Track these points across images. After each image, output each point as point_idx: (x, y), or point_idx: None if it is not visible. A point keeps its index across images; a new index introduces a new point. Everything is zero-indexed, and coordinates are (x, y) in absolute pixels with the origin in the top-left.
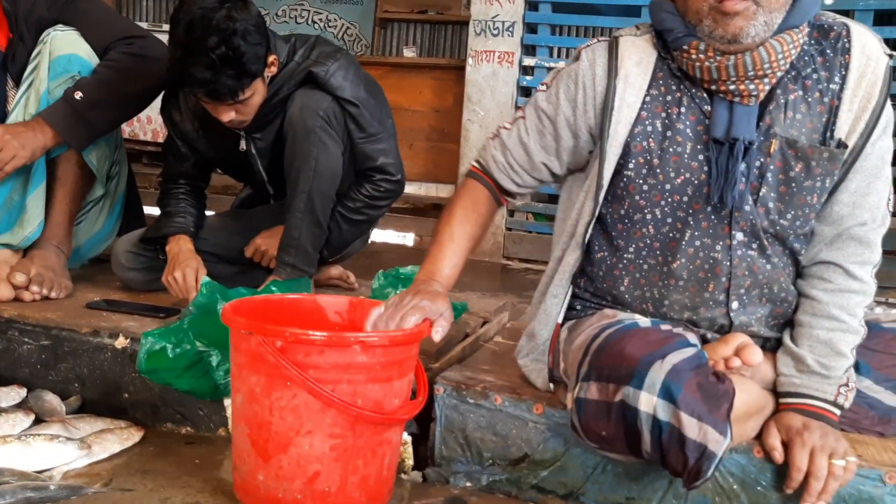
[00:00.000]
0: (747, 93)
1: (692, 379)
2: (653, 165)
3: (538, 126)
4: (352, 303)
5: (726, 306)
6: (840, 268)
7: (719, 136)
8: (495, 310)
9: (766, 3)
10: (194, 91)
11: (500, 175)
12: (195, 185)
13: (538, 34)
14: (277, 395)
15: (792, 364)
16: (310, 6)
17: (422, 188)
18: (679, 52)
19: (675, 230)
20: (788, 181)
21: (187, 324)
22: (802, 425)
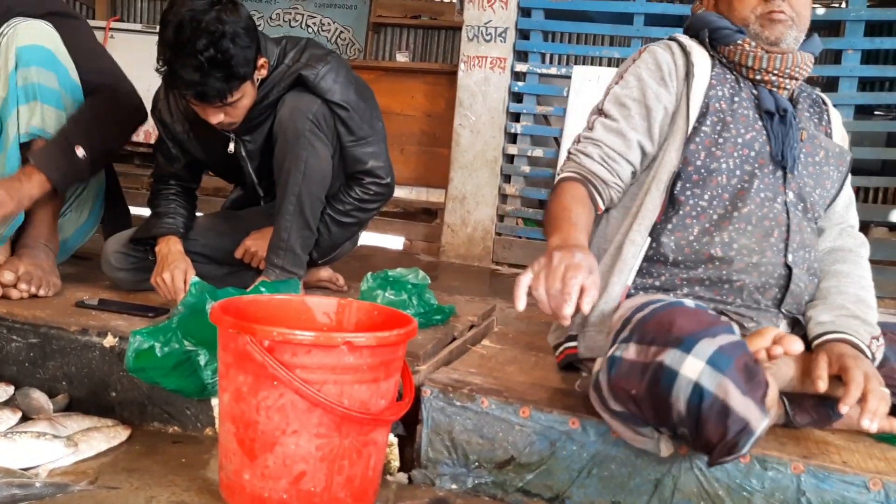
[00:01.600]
0: (783, 86)
1: (741, 357)
2: (726, 122)
3: (624, 112)
4: (340, 304)
5: (784, 256)
6: (851, 251)
7: (771, 108)
8: (483, 314)
9: (798, 21)
10: (183, 93)
11: (597, 167)
12: (186, 186)
13: (530, 40)
14: (264, 395)
15: (828, 312)
16: (304, 10)
17: (413, 192)
18: (732, 46)
19: (743, 181)
20: (815, 164)
21: (176, 323)
22: (854, 354)
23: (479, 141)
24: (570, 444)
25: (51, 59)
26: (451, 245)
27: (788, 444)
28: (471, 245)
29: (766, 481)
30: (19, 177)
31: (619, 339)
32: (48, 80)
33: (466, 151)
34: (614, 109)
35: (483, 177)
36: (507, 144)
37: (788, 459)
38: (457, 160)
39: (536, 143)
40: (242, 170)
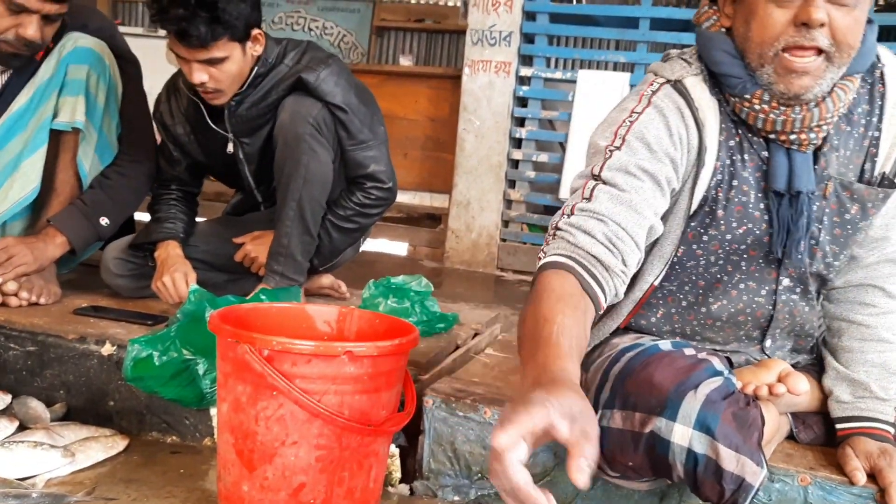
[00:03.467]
0: (807, 142)
1: (727, 409)
2: (717, 217)
3: (633, 182)
4: (341, 312)
5: (760, 343)
6: (880, 289)
7: (781, 189)
8: (487, 321)
9: (838, 59)
10: (167, 28)
11: (600, 249)
12: (187, 190)
13: (535, 44)
14: (263, 405)
15: (849, 390)
16: (306, 13)
17: (416, 197)
18: (740, 100)
19: (724, 272)
20: (843, 224)
21: (174, 331)
22: (880, 450)
23: (483, 146)
24: None
25: (106, 73)
26: (455, 251)
27: (795, 457)
28: (475, 251)
29: (773, 493)
30: (43, 238)
31: (602, 403)
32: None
33: (471, 156)
34: (620, 178)
35: (487, 182)
36: (512, 149)
37: (795, 471)
38: (461, 165)
39: (541, 147)
40: (240, 173)
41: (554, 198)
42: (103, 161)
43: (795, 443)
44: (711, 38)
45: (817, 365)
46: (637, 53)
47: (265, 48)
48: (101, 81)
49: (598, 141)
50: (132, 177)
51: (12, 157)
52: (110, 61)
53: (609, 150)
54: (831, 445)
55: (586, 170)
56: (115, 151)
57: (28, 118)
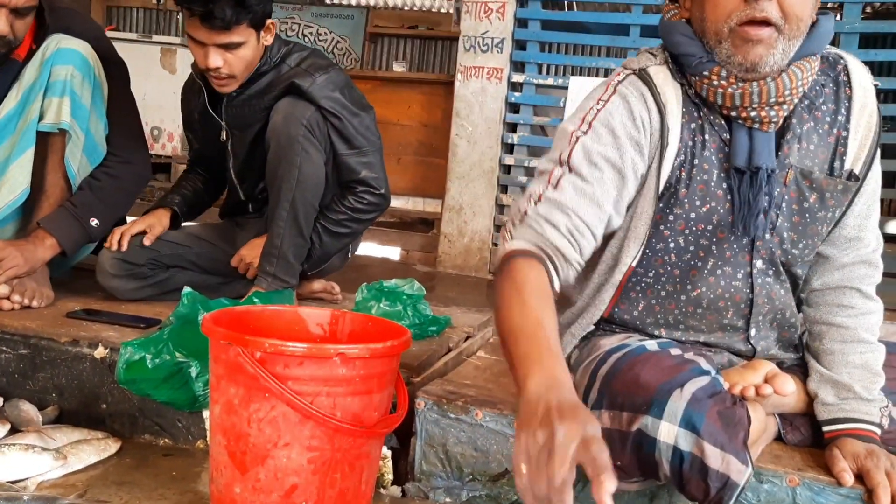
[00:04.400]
0: (767, 119)
1: (713, 407)
2: (679, 196)
3: (596, 174)
4: (333, 315)
5: (745, 332)
6: (857, 291)
7: (741, 165)
8: (479, 324)
9: (788, 30)
10: (191, 8)
11: (562, 242)
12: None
13: (527, 51)
14: (256, 407)
15: (833, 392)
16: (300, 19)
17: (409, 202)
18: (699, 79)
19: (696, 258)
20: (802, 212)
21: (167, 334)
22: (866, 451)
23: (475, 151)
24: None
25: (91, 74)
26: (447, 255)
27: (783, 458)
28: (468, 255)
29: (762, 494)
30: (33, 240)
31: (590, 403)
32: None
33: (463, 161)
34: (585, 167)
35: (480, 187)
36: (504, 155)
37: (784, 472)
38: (453, 170)
39: (533, 153)
40: (226, 165)
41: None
42: (92, 162)
43: (783, 444)
44: (672, 24)
45: (803, 366)
46: None
47: (272, 46)
48: (86, 81)
49: (566, 126)
50: (121, 177)
51: (0, 161)
52: (94, 62)
53: (576, 136)
54: (819, 447)
55: (554, 153)
56: (103, 152)
57: (15, 121)
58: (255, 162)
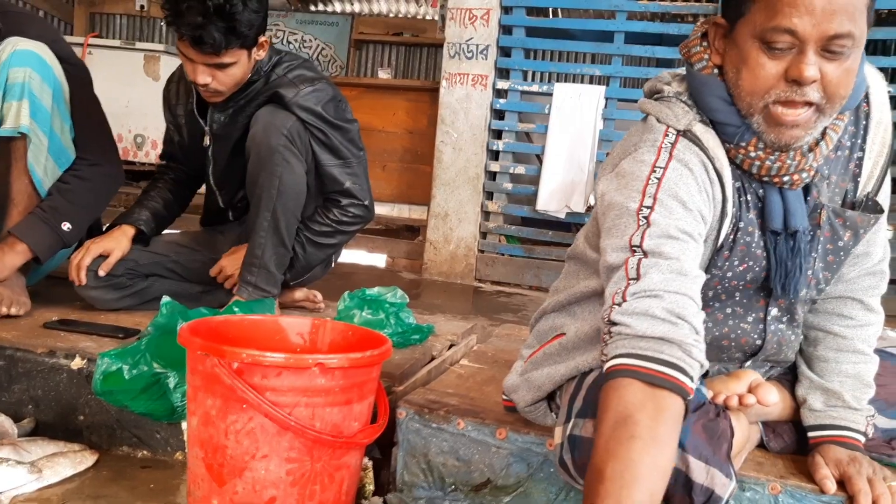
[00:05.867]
0: (800, 181)
1: (697, 421)
2: (723, 258)
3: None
4: (314, 324)
5: (741, 364)
6: (859, 302)
7: (778, 228)
8: (463, 332)
9: (829, 109)
10: (181, 33)
11: (667, 329)
12: (185, 171)
13: (512, 57)
14: (233, 419)
15: (822, 399)
16: (285, 26)
17: (395, 209)
18: (735, 147)
19: (716, 300)
20: (837, 250)
21: (145, 344)
22: (849, 457)
23: (461, 158)
24: (547, 465)
25: (49, 75)
26: (433, 262)
27: (766, 465)
28: (453, 262)
29: (745, 502)
30: (3, 247)
31: (575, 412)
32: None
33: (448, 168)
34: (665, 245)
35: (465, 194)
36: (490, 161)
37: (766, 480)
38: (439, 177)
39: (518, 160)
40: (206, 170)
41: (531, 209)
42: (60, 165)
43: (766, 451)
44: (705, 82)
45: (789, 374)
46: (612, 67)
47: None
48: (46, 83)
49: (619, 199)
50: (92, 180)
51: None
52: (53, 62)
53: (643, 216)
54: (802, 454)
55: (621, 240)
56: (72, 155)
57: None
58: (236, 170)
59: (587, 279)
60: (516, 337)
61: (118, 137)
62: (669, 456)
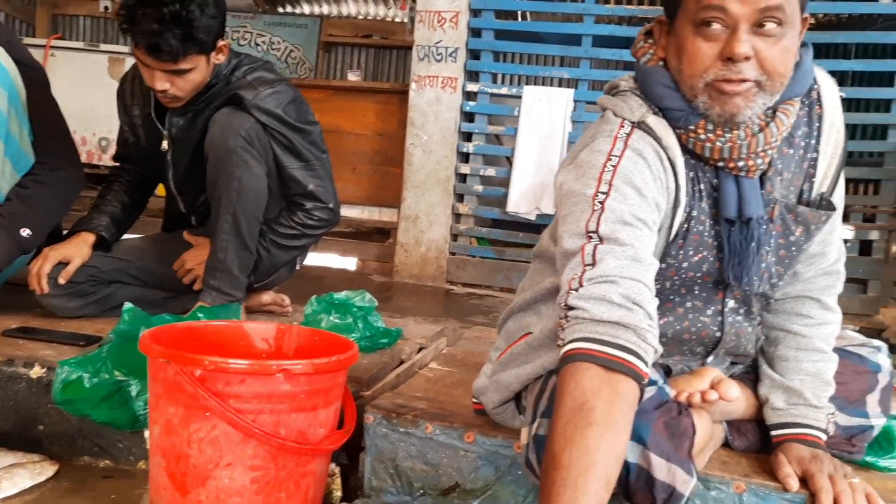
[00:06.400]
0: (755, 167)
1: (659, 419)
2: (677, 247)
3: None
4: (280, 329)
5: (703, 359)
6: (817, 301)
7: (732, 216)
8: (433, 335)
9: (769, 86)
10: (137, 42)
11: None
12: (141, 173)
13: (481, 60)
14: (196, 427)
15: (784, 397)
16: (252, 28)
17: (365, 212)
18: (685, 132)
19: (676, 295)
20: (788, 245)
21: (106, 352)
22: (811, 455)
23: (431, 160)
24: (515, 468)
25: (4, 77)
26: (404, 265)
27: (730, 464)
28: (424, 265)
29: (709, 501)
30: None
31: (540, 411)
32: None
33: (419, 171)
34: (620, 231)
35: (436, 196)
36: (460, 164)
37: (730, 479)
38: (409, 179)
39: (489, 162)
40: (166, 175)
41: (502, 211)
42: (20, 170)
43: (731, 450)
44: (650, 72)
45: (752, 373)
46: (580, 69)
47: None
48: (1, 86)
49: (576, 187)
50: (52, 184)
51: None
52: (8, 65)
53: (598, 201)
54: (765, 452)
55: (576, 226)
56: (31, 159)
57: None
58: (196, 174)
59: (552, 276)
60: (486, 339)
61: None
62: (624, 440)
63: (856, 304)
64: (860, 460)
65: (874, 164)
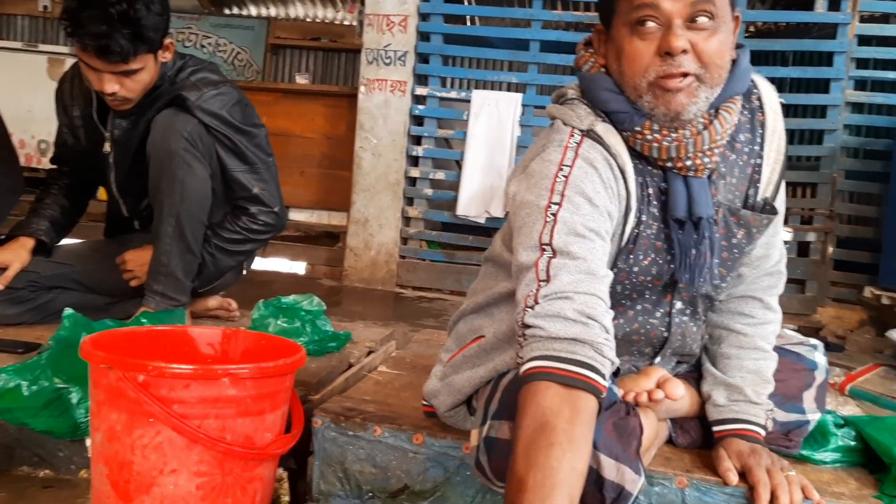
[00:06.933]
0: (702, 166)
1: (608, 420)
2: (628, 252)
3: (587, 245)
4: (225, 334)
5: (651, 359)
6: (759, 301)
7: (682, 216)
8: (382, 339)
9: (709, 79)
10: (85, 44)
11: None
12: (80, 177)
13: (430, 64)
14: (139, 433)
15: (725, 394)
16: (198, 30)
17: (314, 216)
18: (632, 134)
19: (624, 297)
20: (731, 247)
21: (45, 359)
22: (750, 449)
23: (380, 164)
24: (463, 469)
25: None
26: (354, 269)
27: (673, 460)
28: (374, 268)
29: (653, 496)
30: None
31: (491, 413)
32: None
33: (368, 174)
34: (572, 243)
35: (385, 200)
36: (409, 167)
37: (673, 474)
38: (358, 183)
39: (438, 166)
40: (107, 178)
41: (451, 214)
42: None
43: (674, 447)
44: (593, 79)
45: (695, 372)
46: (528, 74)
47: (169, 60)
48: None
49: (529, 198)
50: None
51: None
52: None
53: (551, 213)
54: (708, 448)
55: (530, 238)
56: None
57: None
58: (139, 177)
59: (505, 280)
60: (435, 342)
61: (20, 143)
62: (586, 457)
63: (794, 304)
64: (797, 454)
65: (811, 168)
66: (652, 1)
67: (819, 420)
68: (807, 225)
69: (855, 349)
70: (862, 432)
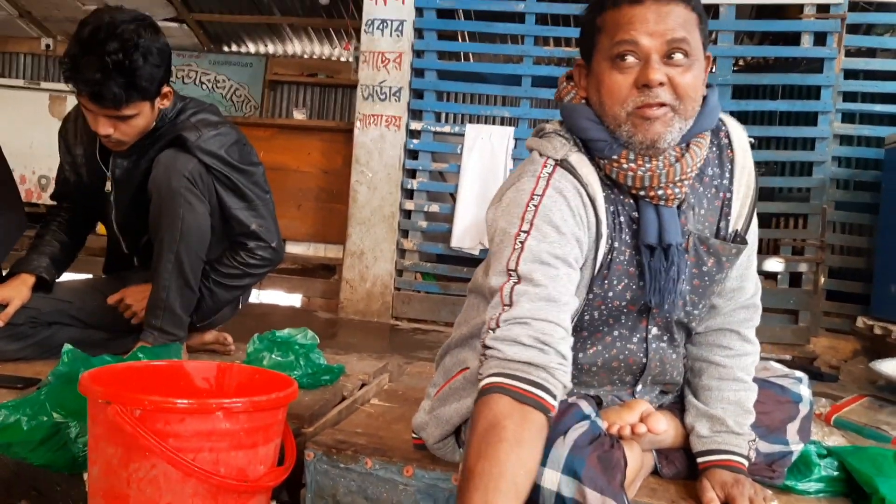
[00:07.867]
0: (673, 196)
1: (593, 453)
2: (602, 278)
3: (550, 272)
4: (220, 368)
5: (632, 387)
6: (736, 333)
7: (653, 242)
8: (375, 371)
9: (682, 110)
10: (80, 90)
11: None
12: (80, 212)
13: (424, 99)
14: (135, 467)
15: (708, 425)
16: (197, 67)
17: (310, 248)
18: (608, 162)
19: (602, 323)
20: (702, 275)
21: (44, 394)
22: (733, 479)
23: (376, 197)
24: (453, 500)
25: None
26: (349, 301)
27: (659, 491)
28: (370, 301)
29: None
30: None
31: None
32: None
33: (364, 207)
34: (536, 271)
35: (381, 232)
36: (404, 200)
37: None
38: (354, 216)
39: (433, 198)
40: (108, 216)
41: (446, 246)
42: None
43: (660, 477)
44: (574, 108)
45: (679, 404)
46: (521, 108)
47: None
48: None
49: (502, 225)
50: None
51: None
52: None
53: (519, 240)
54: (692, 478)
55: (500, 264)
56: None
57: None
58: (139, 215)
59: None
60: (428, 374)
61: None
62: (533, 456)
63: (788, 335)
64: (780, 484)
65: (801, 200)
66: (632, 38)
67: (802, 450)
68: (798, 256)
69: (849, 379)
70: (844, 462)
